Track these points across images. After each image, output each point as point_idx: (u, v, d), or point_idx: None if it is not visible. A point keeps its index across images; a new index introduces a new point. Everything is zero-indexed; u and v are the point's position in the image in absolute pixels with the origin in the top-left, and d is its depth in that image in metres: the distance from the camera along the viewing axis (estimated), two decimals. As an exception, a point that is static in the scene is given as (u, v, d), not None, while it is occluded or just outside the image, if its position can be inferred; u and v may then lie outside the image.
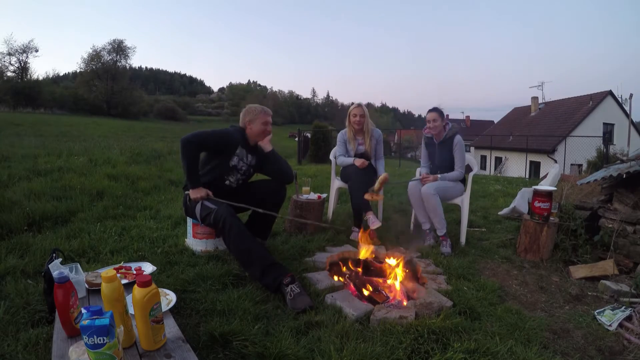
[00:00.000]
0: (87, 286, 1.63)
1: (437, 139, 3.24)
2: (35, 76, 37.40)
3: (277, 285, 2.03)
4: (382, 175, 2.88)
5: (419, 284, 2.37)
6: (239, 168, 2.56)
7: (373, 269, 2.47)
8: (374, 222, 2.98)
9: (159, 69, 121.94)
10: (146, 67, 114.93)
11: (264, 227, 2.73)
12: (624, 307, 2.08)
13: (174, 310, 1.64)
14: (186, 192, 2.48)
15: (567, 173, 7.79)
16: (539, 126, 20.63)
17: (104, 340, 1.03)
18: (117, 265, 1.93)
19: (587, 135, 14.09)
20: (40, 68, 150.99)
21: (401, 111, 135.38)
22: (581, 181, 3.52)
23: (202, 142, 2.38)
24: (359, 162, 3.24)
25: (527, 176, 14.92)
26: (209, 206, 2.32)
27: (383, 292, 2.19)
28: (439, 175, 3.11)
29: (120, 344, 1.10)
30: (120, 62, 40.89)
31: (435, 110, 3.19)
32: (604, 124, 18.39)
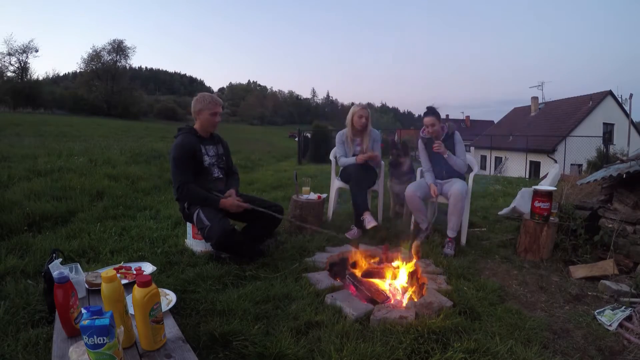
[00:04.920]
0: (87, 286, 1.63)
1: (438, 139, 3.20)
2: (35, 76, 37.45)
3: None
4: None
5: (419, 284, 2.37)
6: (213, 163, 2.64)
7: (373, 271, 2.47)
8: (370, 222, 2.99)
9: (159, 69, 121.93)
10: (146, 67, 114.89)
11: (261, 233, 2.75)
12: (624, 307, 2.08)
13: (174, 310, 1.64)
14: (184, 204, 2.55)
15: (567, 173, 7.79)
16: (539, 126, 20.63)
17: (104, 340, 1.03)
18: (117, 265, 1.92)
19: (587, 135, 14.10)
20: (40, 68, 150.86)
21: (401, 111, 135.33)
22: (581, 181, 3.52)
23: (187, 177, 2.45)
24: (361, 156, 3.26)
25: (527, 176, 14.92)
26: (204, 221, 2.39)
27: (383, 292, 2.19)
28: (446, 155, 3.09)
29: (120, 344, 1.10)
30: (120, 62, 40.93)
31: (432, 113, 3.12)
32: (604, 124, 18.39)
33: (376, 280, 2.31)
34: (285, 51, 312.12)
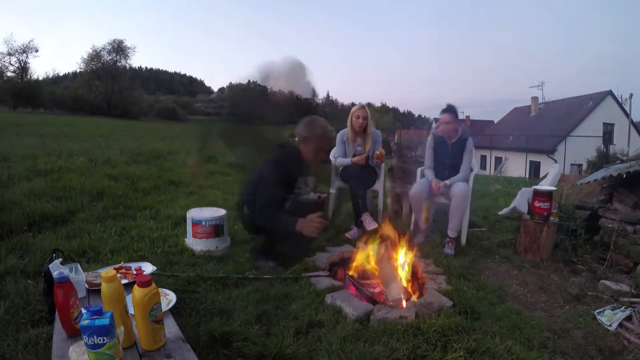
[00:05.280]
0: (87, 286, 1.63)
1: (450, 139, 3.15)
2: (35, 76, 37.32)
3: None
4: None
5: (419, 284, 2.37)
6: (307, 191, 2.44)
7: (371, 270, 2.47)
8: (370, 224, 2.99)
9: (159, 69, 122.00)
10: (146, 67, 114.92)
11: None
12: (624, 307, 2.08)
13: (174, 310, 1.64)
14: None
15: (567, 173, 7.79)
16: (539, 126, 20.63)
17: (104, 340, 1.03)
18: (117, 265, 1.92)
19: (587, 135, 14.13)
20: (40, 68, 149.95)
21: (401, 111, 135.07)
22: (581, 181, 3.52)
23: (273, 200, 2.21)
24: (356, 158, 3.25)
25: (527, 176, 14.92)
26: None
27: (382, 292, 2.18)
28: (447, 182, 3.05)
29: (120, 344, 1.10)
30: (120, 62, 40.87)
31: (450, 111, 3.06)
32: (604, 124, 18.40)
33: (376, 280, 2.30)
34: (285, 51, 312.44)
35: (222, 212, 2.78)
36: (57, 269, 1.51)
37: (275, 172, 2.24)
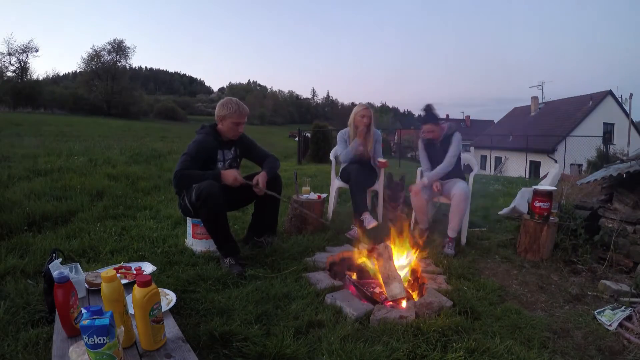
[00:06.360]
0: (87, 286, 1.64)
1: (437, 139, 3.20)
2: (35, 76, 37.34)
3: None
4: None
5: (419, 283, 2.37)
6: (225, 168, 2.59)
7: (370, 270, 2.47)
8: (370, 222, 2.99)
9: (159, 69, 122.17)
10: (146, 67, 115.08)
11: (270, 219, 2.77)
12: (624, 307, 2.08)
13: (174, 310, 1.64)
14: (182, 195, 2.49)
15: (567, 173, 7.80)
16: (539, 126, 20.64)
17: (104, 340, 1.03)
18: (117, 265, 1.93)
19: (587, 135, 14.13)
20: (40, 68, 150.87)
21: (401, 111, 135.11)
22: (581, 181, 3.52)
23: (189, 167, 2.38)
24: (357, 144, 3.31)
25: (527, 176, 14.93)
26: (194, 189, 2.29)
27: (382, 292, 2.19)
28: (439, 183, 3.12)
29: (120, 344, 1.10)
30: (120, 62, 40.88)
31: (429, 120, 3.09)
32: (604, 123, 18.41)
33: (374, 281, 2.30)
34: (285, 51, 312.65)
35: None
36: (57, 269, 1.52)
37: (193, 146, 2.47)
